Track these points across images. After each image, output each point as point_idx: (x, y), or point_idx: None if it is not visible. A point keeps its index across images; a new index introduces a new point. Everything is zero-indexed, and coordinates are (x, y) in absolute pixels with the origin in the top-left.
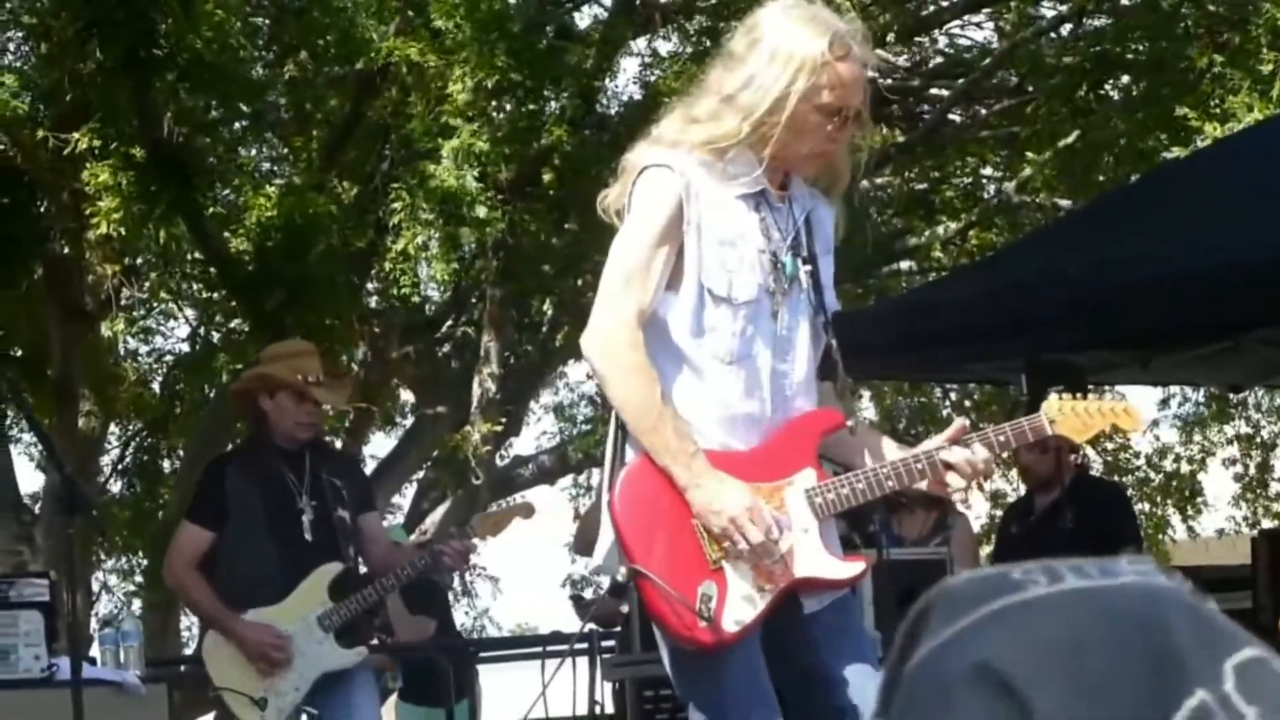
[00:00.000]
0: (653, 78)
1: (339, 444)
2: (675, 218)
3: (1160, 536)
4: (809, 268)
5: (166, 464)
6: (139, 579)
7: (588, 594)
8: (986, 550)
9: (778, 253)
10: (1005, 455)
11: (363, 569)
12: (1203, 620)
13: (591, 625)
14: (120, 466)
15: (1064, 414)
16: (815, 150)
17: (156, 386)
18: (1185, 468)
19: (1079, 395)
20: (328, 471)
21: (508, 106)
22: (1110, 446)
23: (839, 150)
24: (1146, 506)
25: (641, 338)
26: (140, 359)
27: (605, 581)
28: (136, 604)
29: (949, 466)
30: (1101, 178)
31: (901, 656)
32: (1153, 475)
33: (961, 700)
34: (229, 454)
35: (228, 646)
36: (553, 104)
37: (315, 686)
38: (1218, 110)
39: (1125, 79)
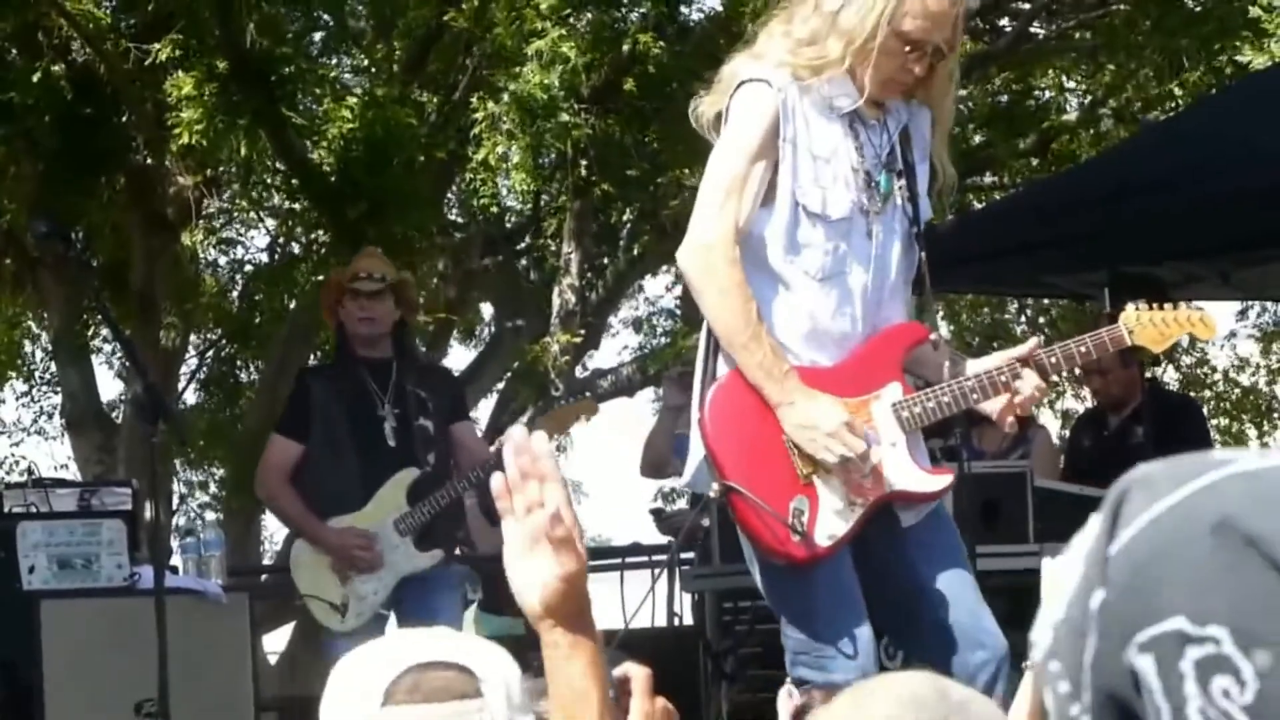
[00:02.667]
0: None
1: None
2: (772, 133)
3: None
4: (903, 182)
5: (244, 375)
6: (214, 490)
7: (669, 508)
8: None
9: (872, 171)
10: (1075, 372)
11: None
12: None
13: (673, 539)
14: (198, 376)
15: (1142, 324)
16: (890, 77)
17: (235, 297)
18: (1263, 382)
19: (1156, 306)
20: (413, 383)
21: (588, 15)
22: (1188, 361)
23: (937, 84)
24: (1223, 422)
25: (738, 253)
26: (219, 269)
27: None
28: (210, 515)
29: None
30: (1177, 89)
31: (1105, 538)
32: (1230, 390)
33: (1206, 551)
34: (317, 367)
35: (311, 554)
36: (635, 12)
37: (396, 591)
38: None
39: None
